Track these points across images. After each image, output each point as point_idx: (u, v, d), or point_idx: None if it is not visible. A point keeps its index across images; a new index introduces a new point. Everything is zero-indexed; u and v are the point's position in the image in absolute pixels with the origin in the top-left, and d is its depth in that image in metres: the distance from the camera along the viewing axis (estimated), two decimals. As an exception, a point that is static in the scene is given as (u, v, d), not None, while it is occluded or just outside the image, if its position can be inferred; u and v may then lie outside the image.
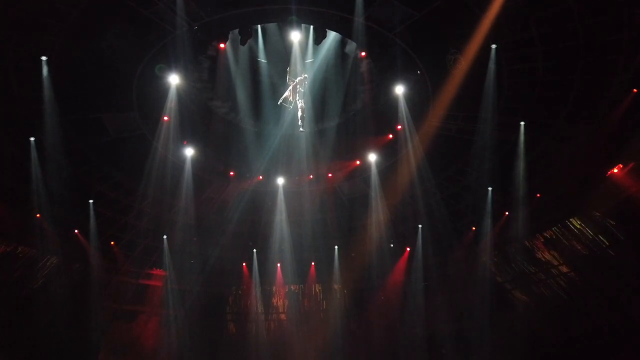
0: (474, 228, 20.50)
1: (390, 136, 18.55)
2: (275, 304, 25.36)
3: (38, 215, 17.19)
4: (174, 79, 15.20)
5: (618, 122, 14.37)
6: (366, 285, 23.63)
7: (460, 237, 21.10)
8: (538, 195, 17.68)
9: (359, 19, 13.77)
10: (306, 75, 15.82)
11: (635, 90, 13.49)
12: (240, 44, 15.55)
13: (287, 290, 25.03)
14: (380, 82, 17.17)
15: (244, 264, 23.99)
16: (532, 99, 15.17)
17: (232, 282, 24.74)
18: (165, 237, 21.14)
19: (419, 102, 16.39)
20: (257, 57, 18.13)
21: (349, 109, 18.88)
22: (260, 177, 20.29)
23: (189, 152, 17.85)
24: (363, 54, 16.00)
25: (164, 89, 15.58)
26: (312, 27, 15.43)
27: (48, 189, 16.49)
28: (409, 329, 22.44)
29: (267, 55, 18.88)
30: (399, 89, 15.91)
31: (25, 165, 15.79)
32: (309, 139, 19.38)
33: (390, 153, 18.82)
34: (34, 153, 15.67)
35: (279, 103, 16.70)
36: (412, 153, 17.69)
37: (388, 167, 19.22)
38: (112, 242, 20.86)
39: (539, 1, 12.59)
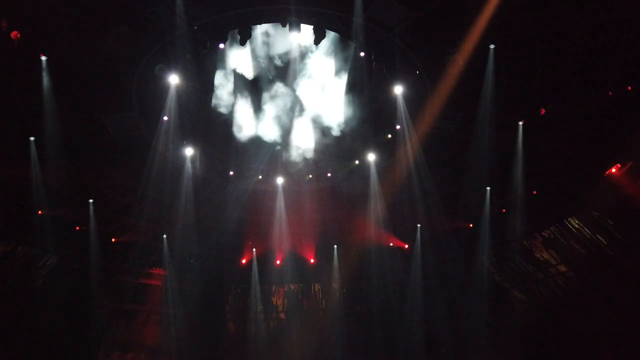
0: (471, 226, 20.57)
1: (389, 136, 18.61)
2: (274, 303, 25.41)
3: (40, 212, 17.23)
4: (173, 79, 15.25)
5: (615, 120, 14.43)
6: (365, 284, 23.67)
7: (459, 237, 21.15)
8: (534, 192, 17.72)
9: (358, 19, 13.83)
10: None
11: (629, 87, 13.55)
12: (240, 44, 15.60)
13: (286, 289, 25.09)
14: (378, 82, 17.21)
15: (243, 263, 24.03)
16: (531, 99, 15.23)
17: (231, 281, 24.78)
18: (165, 237, 21.18)
19: (417, 102, 16.43)
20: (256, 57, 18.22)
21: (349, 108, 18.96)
22: (260, 177, 20.35)
23: (189, 152, 17.89)
24: (362, 54, 16.05)
25: (163, 89, 15.62)
26: (311, 27, 15.48)
27: (48, 188, 16.55)
28: (407, 328, 22.49)
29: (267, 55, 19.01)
30: (398, 89, 15.95)
31: (25, 165, 15.84)
32: (309, 138, 19.46)
33: (388, 153, 18.88)
34: (34, 153, 15.72)
35: None
36: (411, 153, 17.75)
37: (387, 167, 19.27)
38: (112, 241, 20.92)
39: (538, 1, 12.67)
